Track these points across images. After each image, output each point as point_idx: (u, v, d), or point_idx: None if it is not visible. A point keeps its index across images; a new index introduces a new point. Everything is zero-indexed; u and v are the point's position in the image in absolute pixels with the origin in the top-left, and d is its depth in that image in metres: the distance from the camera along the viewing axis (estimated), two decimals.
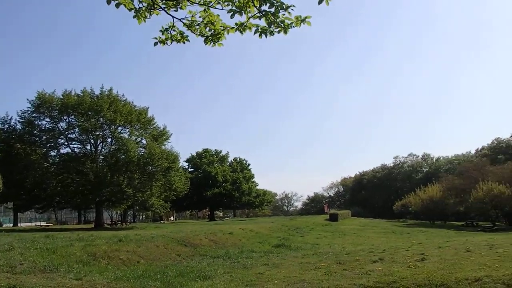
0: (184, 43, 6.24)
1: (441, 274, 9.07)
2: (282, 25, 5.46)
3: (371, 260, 12.51)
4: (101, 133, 37.91)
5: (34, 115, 36.66)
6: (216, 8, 5.72)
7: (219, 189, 60.94)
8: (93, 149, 38.06)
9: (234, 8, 5.43)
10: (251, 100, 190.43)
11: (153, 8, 5.68)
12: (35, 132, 36.79)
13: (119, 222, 45.90)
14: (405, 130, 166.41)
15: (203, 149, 68.67)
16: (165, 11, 5.77)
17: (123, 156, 36.63)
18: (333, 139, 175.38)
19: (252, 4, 5.37)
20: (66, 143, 38.13)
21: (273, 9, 5.32)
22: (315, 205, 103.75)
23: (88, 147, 38.22)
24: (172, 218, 75.49)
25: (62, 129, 37.47)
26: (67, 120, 37.26)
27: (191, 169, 65.69)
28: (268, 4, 5.30)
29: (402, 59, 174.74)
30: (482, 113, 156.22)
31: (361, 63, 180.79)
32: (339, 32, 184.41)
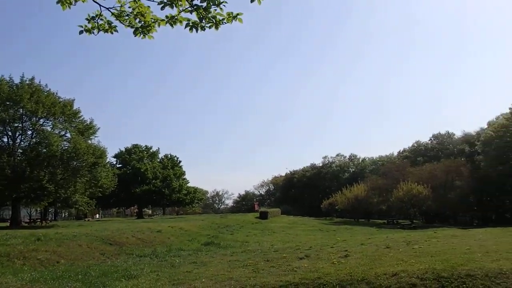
0: (112, 33, 6.00)
1: (362, 270, 9.47)
2: (213, 20, 5.39)
3: (297, 257, 12.80)
4: (20, 125, 35.40)
5: None
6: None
7: (148, 186, 59.48)
8: (10, 142, 35.46)
9: (165, 0, 5.28)
10: (179, 98, 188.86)
11: None
12: None
13: (38, 220, 43.20)
14: (335, 131, 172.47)
15: (132, 145, 66.33)
16: None
17: (45, 150, 34.43)
18: (267, 140, 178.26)
19: None
20: None
21: (205, 4, 5.24)
22: (246, 203, 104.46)
23: (5, 139, 35.59)
24: (97, 216, 72.62)
25: None
26: None
27: (120, 165, 63.48)
28: None
29: (346, 63, 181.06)
30: (404, 117, 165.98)
31: (278, 62, 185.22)
32: (264, 31, 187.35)
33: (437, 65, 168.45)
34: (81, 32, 5.86)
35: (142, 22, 5.77)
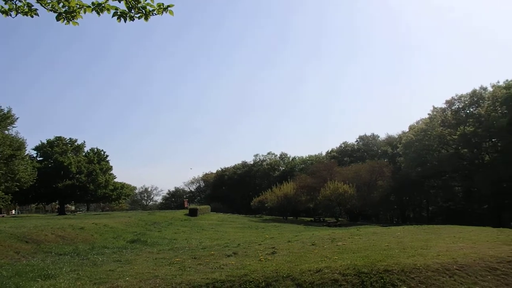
0: (32, 16, 5.59)
1: (288, 266, 9.66)
2: (143, 11, 5.20)
3: (225, 255, 12.81)
4: None
5: None
6: None
7: (72, 180, 56.36)
8: None
9: None
10: (106, 92, 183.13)
11: None
12: None
13: None
14: (266, 131, 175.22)
15: (55, 137, 61.83)
16: None
17: None
18: (198, 136, 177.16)
19: None
20: None
21: None
22: (175, 199, 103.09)
23: None
24: (13, 212, 67.98)
25: None
26: None
27: (40, 158, 59.55)
28: None
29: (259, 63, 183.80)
30: (332, 118, 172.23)
31: (223, 63, 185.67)
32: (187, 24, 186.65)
33: (372, 69, 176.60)
34: None
35: (66, 7, 5.44)
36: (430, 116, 58.38)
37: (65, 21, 5.56)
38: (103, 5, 5.23)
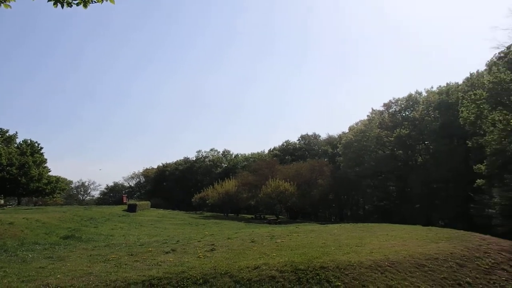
0: None
1: (226, 263, 9.66)
2: None
3: (163, 251, 12.62)
4: None
5: None
6: None
7: (1, 173, 53.27)
8: None
9: None
10: (57, 84, 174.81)
11: None
12: None
13: None
14: (211, 127, 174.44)
15: None
16: None
17: None
18: (146, 132, 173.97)
19: None
20: None
21: None
22: (114, 195, 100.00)
23: None
24: None
25: None
26: None
27: None
28: None
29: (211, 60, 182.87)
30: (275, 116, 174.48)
31: (179, 61, 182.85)
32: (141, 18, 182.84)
33: (319, 70, 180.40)
34: None
35: None
36: (369, 118, 60.74)
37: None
38: None
